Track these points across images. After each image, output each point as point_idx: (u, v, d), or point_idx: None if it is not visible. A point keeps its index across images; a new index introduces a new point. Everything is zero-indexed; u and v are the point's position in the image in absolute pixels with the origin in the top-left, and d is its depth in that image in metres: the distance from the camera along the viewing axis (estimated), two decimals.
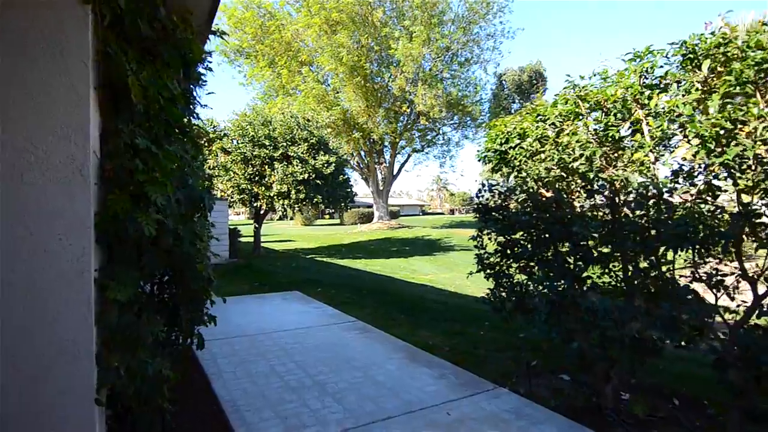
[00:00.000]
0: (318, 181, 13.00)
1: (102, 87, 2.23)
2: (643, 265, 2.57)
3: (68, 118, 1.93)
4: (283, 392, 3.09)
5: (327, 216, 49.39)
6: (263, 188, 12.81)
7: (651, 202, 2.52)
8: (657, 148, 2.51)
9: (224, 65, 27.08)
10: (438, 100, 24.03)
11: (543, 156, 3.11)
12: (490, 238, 3.65)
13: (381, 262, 14.44)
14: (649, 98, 2.46)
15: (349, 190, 14.85)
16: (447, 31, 24.85)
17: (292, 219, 47.94)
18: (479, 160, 3.72)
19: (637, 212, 2.56)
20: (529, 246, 3.23)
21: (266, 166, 12.95)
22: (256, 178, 12.97)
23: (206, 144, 14.09)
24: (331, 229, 34.89)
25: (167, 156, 2.31)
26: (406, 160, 32.02)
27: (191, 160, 3.12)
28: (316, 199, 13.02)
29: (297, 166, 12.71)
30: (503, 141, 3.29)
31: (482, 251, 3.70)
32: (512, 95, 42.26)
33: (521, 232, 3.31)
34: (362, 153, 29.32)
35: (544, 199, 3.07)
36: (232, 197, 13.08)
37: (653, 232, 2.50)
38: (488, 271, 3.68)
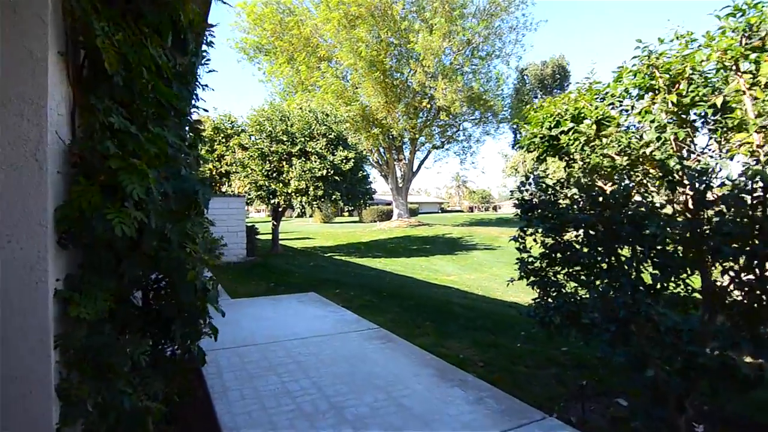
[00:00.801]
0: (336, 178, 12.61)
1: (73, 54, 1.83)
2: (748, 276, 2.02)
3: (20, 88, 1.52)
4: (294, 418, 2.67)
5: (346, 213, 49.21)
6: (281, 185, 12.50)
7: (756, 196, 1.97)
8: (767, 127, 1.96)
9: (244, 62, 27.09)
10: (459, 94, 23.35)
11: (604, 141, 2.58)
12: (534, 239, 3.13)
13: (401, 261, 13.98)
14: (757, 63, 1.92)
15: (368, 186, 14.42)
16: (468, 24, 24.11)
17: (311, 216, 48.01)
18: (520, 148, 3.21)
19: (737, 210, 2.01)
20: (585, 249, 2.71)
21: (284, 162, 12.63)
22: (274, 175, 12.67)
23: (224, 140, 13.90)
24: (350, 226, 34.62)
25: (152, 140, 1.90)
26: (425, 157, 31.42)
27: (189, 149, 2.73)
28: (334, 196, 12.63)
29: (315, 162, 12.34)
30: (552, 125, 2.78)
31: (526, 255, 3.17)
32: (534, 90, 41.07)
33: (575, 233, 2.79)
34: (381, 150, 28.88)
35: (606, 193, 2.53)
36: (249, 194, 12.82)
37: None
38: (532, 278, 3.16)
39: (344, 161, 12.67)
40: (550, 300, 3.04)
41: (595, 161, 2.54)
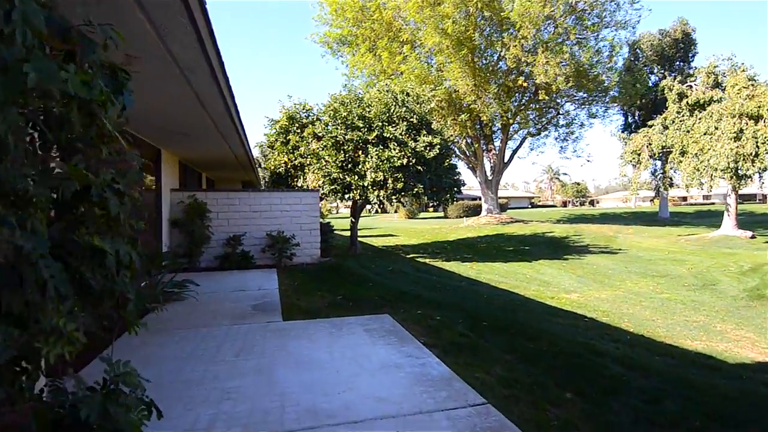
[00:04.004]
0: (419, 168, 10.74)
1: None
2: None
3: None
4: None
5: (431, 209, 47.14)
6: (356, 177, 11.00)
7: None
8: None
9: (328, 56, 26.47)
10: (562, 68, 19.88)
11: None
12: None
13: (498, 267, 11.66)
14: None
15: (456, 177, 12.33)
16: None
17: (396, 212, 46.90)
18: None
19: None
20: None
21: (360, 152, 11.10)
22: (349, 166, 11.22)
23: (298, 130, 12.84)
24: (435, 222, 32.63)
25: None
26: (519, 146, 28.09)
27: None
28: (416, 189, 10.78)
29: (394, 149, 10.61)
30: None
31: None
32: (650, 65, 34.66)
33: None
34: (468, 140, 26.32)
35: None
36: (323, 188, 11.54)
37: None
38: None
39: (428, 148, 10.76)
40: None
41: None
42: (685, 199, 65.70)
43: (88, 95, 1.36)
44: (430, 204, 12.76)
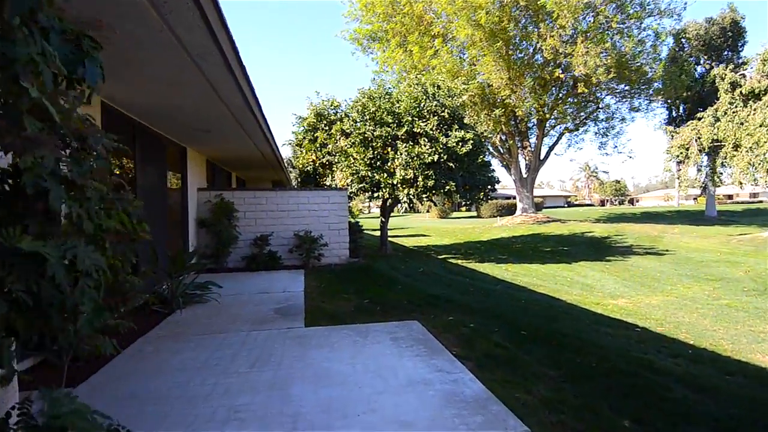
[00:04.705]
0: (451, 164, 10.25)
1: None
2: None
3: None
4: None
5: (463, 208, 46.16)
6: (385, 175, 10.63)
7: None
8: None
9: (358, 53, 26.25)
10: (603, 59, 18.70)
11: None
12: None
13: (535, 270, 10.96)
14: None
15: (490, 175, 11.72)
16: None
17: (427, 211, 46.24)
18: None
19: None
20: None
21: (388, 148, 10.73)
22: (378, 163, 10.86)
23: (326, 127, 12.62)
24: (468, 222, 31.87)
25: None
26: (555, 142, 26.88)
27: None
28: (448, 187, 10.28)
29: (424, 145, 10.17)
30: None
31: None
32: (696, 55, 32.22)
33: None
34: (502, 137, 25.39)
35: None
36: (351, 186, 11.25)
37: None
38: None
39: (460, 143, 10.24)
40: None
41: None
42: (730, 197, 61.80)
43: (11, 54, 1.04)
44: (463, 203, 12.19)
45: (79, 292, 1.33)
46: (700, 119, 20.23)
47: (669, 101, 28.91)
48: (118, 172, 5.83)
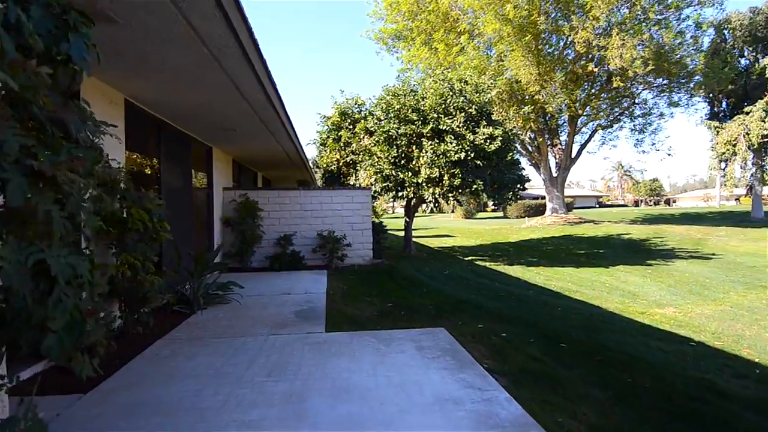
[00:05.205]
0: (478, 162, 9.85)
1: None
2: None
3: None
4: None
5: (489, 209, 45.23)
6: (409, 173, 10.34)
7: None
8: None
9: (383, 53, 26.05)
10: (640, 51, 17.71)
11: None
12: None
13: (570, 274, 10.41)
14: None
15: (520, 173, 11.25)
16: None
17: (453, 212, 45.54)
18: None
19: None
20: None
21: (413, 146, 10.44)
22: (402, 162, 10.59)
23: (350, 125, 12.45)
24: (495, 223, 31.13)
25: None
26: (588, 140, 25.82)
27: None
28: (475, 186, 9.88)
29: (451, 143, 9.82)
30: None
31: None
32: (739, 47, 30.23)
33: None
34: (531, 134, 24.60)
35: None
36: (375, 186, 11.02)
37: None
38: None
39: (488, 141, 9.83)
40: None
41: None
42: None
43: None
44: (490, 203, 11.74)
45: (52, 303, 1.12)
46: (748, 113, 18.92)
47: (711, 95, 27.29)
48: (147, 172, 5.80)
